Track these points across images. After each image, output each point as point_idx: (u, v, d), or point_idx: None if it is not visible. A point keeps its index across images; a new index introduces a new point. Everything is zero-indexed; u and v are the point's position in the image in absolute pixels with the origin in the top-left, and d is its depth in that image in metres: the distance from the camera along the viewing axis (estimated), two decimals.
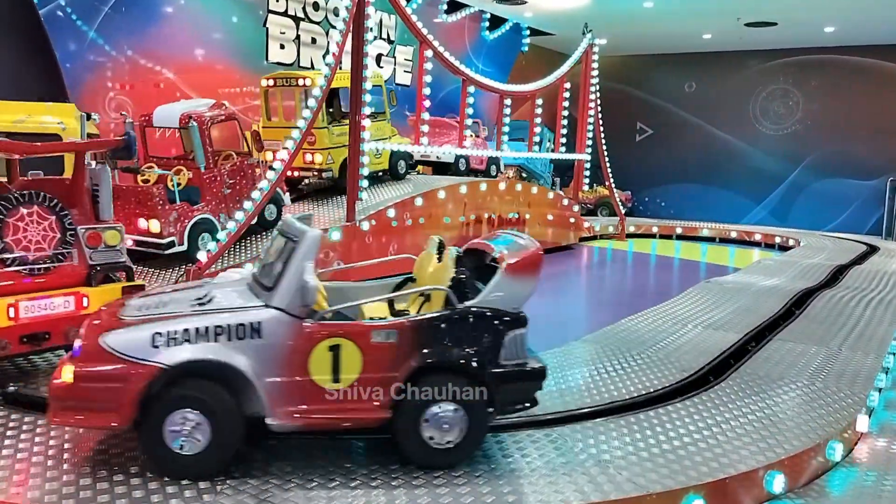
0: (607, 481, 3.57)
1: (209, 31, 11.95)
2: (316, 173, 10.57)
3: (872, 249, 14.19)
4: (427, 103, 11.36)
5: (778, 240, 16.63)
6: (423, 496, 3.34)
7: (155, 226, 7.74)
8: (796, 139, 20.89)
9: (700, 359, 5.80)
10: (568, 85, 15.30)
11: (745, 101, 21.67)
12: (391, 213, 10.22)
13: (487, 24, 17.64)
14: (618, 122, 20.30)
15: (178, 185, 7.97)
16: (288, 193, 9.82)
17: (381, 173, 11.51)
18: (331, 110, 10.73)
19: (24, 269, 4.79)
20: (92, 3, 10.25)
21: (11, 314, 4.61)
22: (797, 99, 21.08)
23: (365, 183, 9.93)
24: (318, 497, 3.33)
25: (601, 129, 16.17)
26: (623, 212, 17.08)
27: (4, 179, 5.24)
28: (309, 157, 10.30)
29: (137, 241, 7.78)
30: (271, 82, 10.59)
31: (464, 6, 16.48)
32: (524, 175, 16.66)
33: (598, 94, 16.00)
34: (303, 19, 13.31)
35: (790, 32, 18.32)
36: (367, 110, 9.74)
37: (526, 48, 19.10)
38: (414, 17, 10.92)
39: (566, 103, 15.37)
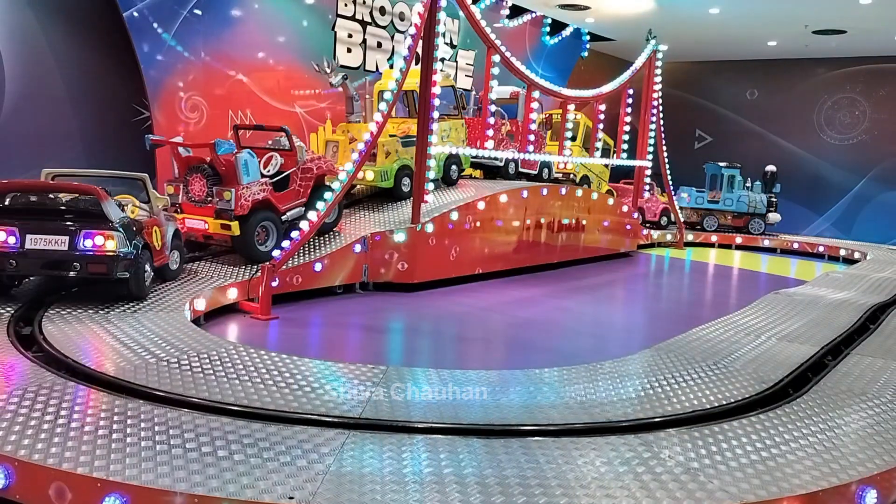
0: (699, 489, 3.57)
1: (280, 35, 12.23)
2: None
3: None
4: (493, 108, 11.42)
5: (843, 252, 16.24)
6: (497, 493, 3.37)
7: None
8: (862, 149, 20.35)
9: (777, 371, 5.72)
10: (630, 91, 15.18)
11: (810, 110, 21.20)
12: (454, 216, 10.31)
13: (548, 28, 17.62)
14: (676, 128, 20.06)
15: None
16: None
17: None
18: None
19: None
20: (171, 6, 10.60)
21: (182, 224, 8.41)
22: (864, 108, 20.53)
23: (431, 186, 10.03)
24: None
25: (662, 136, 16.00)
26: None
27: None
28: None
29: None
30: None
31: (526, 11, 16.50)
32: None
33: (661, 101, 15.84)
34: (369, 23, 13.51)
35: (859, 40, 17.87)
36: (435, 114, 9.85)
37: (586, 53, 19.01)
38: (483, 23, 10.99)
39: (628, 109, 15.25)
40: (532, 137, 12.92)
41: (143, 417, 4.08)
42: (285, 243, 8.22)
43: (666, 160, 16.41)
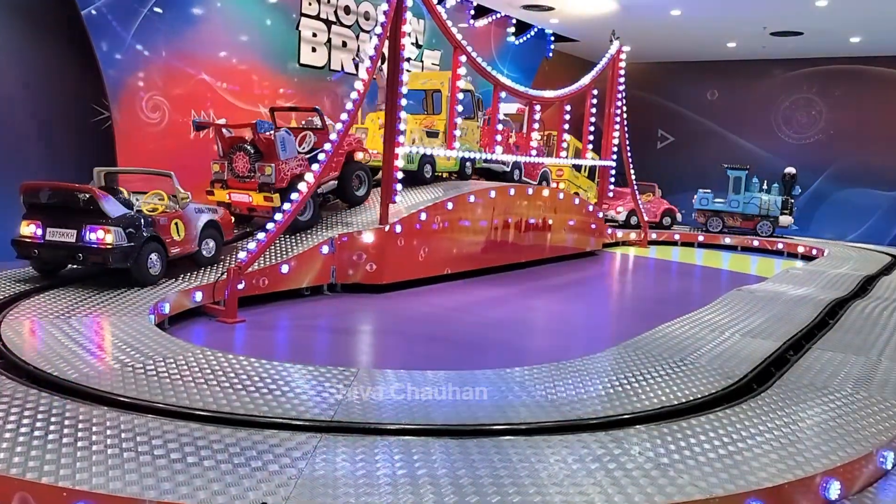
0: (669, 484, 3.62)
1: (243, 34, 12.09)
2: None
3: None
4: (460, 108, 11.45)
5: (801, 249, 16.62)
6: (471, 493, 3.39)
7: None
8: (819, 148, 20.86)
9: (742, 366, 5.83)
10: (595, 91, 15.35)
11: (768, 110, 21.66)
12: (423, 216, 10.30)
13: (513, 29, 17.72)
14: (639, 128, 20.32)
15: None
16: None
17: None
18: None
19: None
20: (130, 4, 10.40)
21: (227, 198, 9.38)
22: (820, 108, 21.05)
23: (399, 187, 10.01)
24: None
25: (626, 136, 16.21)
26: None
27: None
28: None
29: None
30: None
31: (490, 11, 16.57)
32: None
33: (625, 101, 16.05)
34: (334, 23, 13.44)
35: (815, 42, 18.32)
36: (403, 114, 9.83)
37: (551, 54, 19.17)
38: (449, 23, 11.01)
39: (593, 109, 15.41)
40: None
41: (109, 424, 4.00)
42: (251, 245, 8.14)
43: (630, 160, 16.63)
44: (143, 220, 7.63)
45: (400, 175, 9.99)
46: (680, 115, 22.95)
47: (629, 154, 16.53)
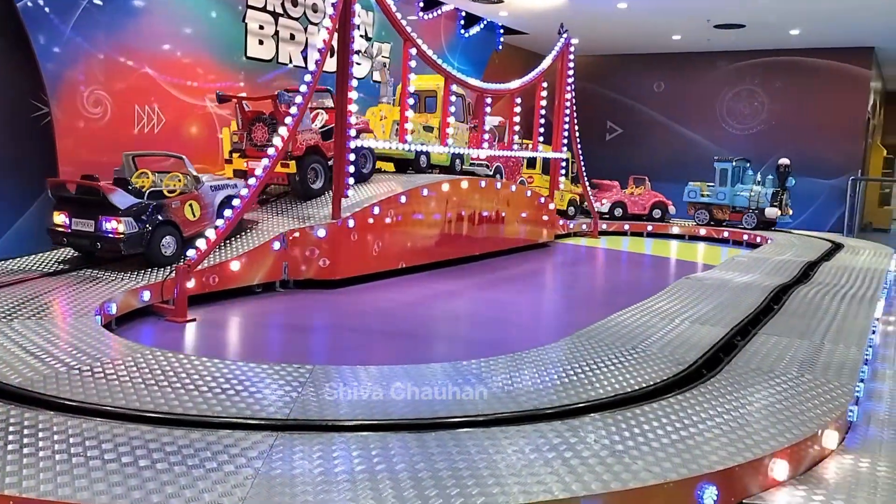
0: (624, 470, 3.69)
1: (187, 26, 11.81)
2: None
3: (837, 246, 14.66)
4: (411, 101, 11.41)
5: (745, 237, 17.08)
6: (430, 487, 3.41)
7: None
8: (761, 139, 21.45)
9: (691, 353, 5.97)
10: (545, 84, 15.47)
11: (713, 102, 22.17)
12: (376, 210, 10.26)
13: (463, 22, 17.73)
14: (588, 120, 20.59)
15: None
16: None
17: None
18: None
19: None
20: None
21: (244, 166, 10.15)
22: (762, 100, 21.64)
23: (351, 181, 9.94)
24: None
25: (576, 128, 16.39)
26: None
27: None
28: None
29: None
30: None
31: (440, 4, 16.55)
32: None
33: (574, 93, 16.22)
34: (281, 15, 13.23)
35: (757, 34, 18.81)
36: (353, 107, 9.75)
37: (500, 47, 19.25)
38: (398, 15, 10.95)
39: (543, 102, 15.54)
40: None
41: (56, 429, 3.89)
42: (200, 242, 7.98)
43: (580, 152, 16.84)
44: (153, 208, 8.29)
45: (352, 169, 9.91)
46: (628, 107, 23.33)
47: (579, 146, 16.73)
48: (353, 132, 9.93)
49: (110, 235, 8.01)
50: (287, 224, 9.70)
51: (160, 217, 8.28)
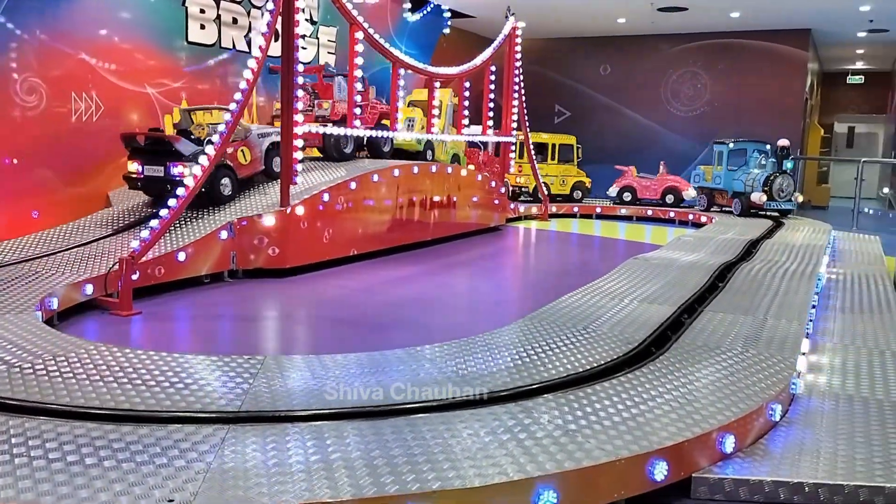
0: (577, 449, 3.74)
1: (125, 11, 11.42)
2: None
3: (778, 224, 15.11)
4: (359, 86, 11.29)
5: (691, 217, 17.46)
6: (386, 474, 3.41)
7: None
8: (704, 120, 21.92)
9: (640, 332, 6.09)
10: (493, 68, 15.48)
11: (657, 84, 22.52)
12: (326, 197, 10.14)
13: (409, 5, 17.58)
14: (537, 104, 20.71)
15: None
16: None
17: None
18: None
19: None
20: None
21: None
22: (705, 81, 22.08)
23: (300, 167, 9.80)
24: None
25: (525, 111, 16.46)
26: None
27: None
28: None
29: None
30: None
31: None
32: None
33: (522, 77, 16.27)
34: None
35: (699, 17, 19.16)
36: (300, 92, 9.60)
37: (448, 31, 19.17)
38: None
39: (492, 86, 15.55)
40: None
41: None
42: (144, 233, 7.78)
43: (530, 135, 16.93)
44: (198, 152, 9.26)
45: (300, 156, 9.76)
46: (575, 91, 23.54)
47: (528, 130, 16.82)
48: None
49: (178, 178, 8.97)
50: (235, 213, 9.52)
51: (219, 161, 9.20)
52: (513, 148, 16.43)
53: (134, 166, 9.65)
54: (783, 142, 16.68)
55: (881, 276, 10.03)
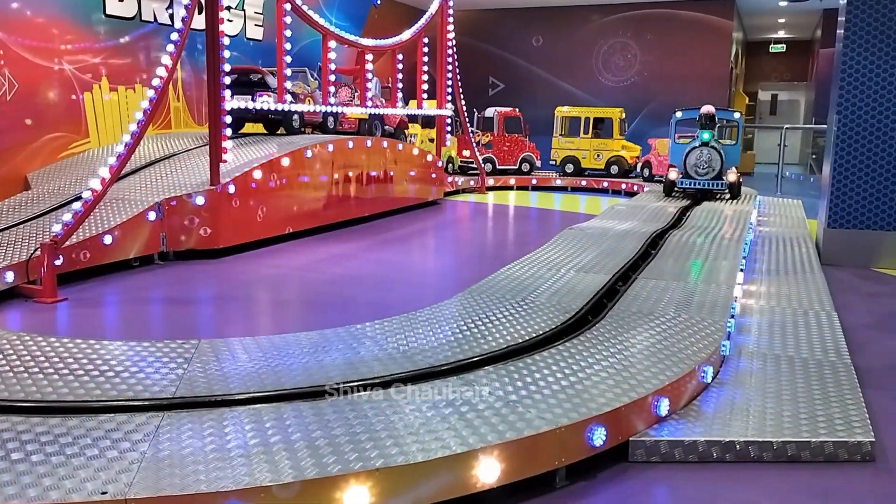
0: (518, 419, 3.79)
1: None
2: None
3: (683, 211, 15.37)
4: (288, 59, 11.01)
5: (623, 186, 17.80)
6: (328, 454, 3.39)
7: None
8: (635, 90, 22.27)
9: (577, 301, 6.19)
10: (426, 40, 15.33)
11: (589, 55, 22.73)
12: (258, 174, 9.91)
13: None
14: (471, 76, 20.66)
15: None
16: None
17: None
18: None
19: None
20: None
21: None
22: (635, 52, 22.40)
23: (230, 144, 9.53)
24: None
25: (459, 84, 16.40)
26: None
27: None
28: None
29: None
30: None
31: None
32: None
33: (455, 49, 16.18)
34: None
35: None
36: (227, 66, 9.30)
37: (378, 2, 18.85)
38: None
39: (425, 58, 15.41)
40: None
41: None
42: (66, 216, 7.45)
43: (464, 108, 16.89)
44: (290, 93, 11.88)
45: (229, 132, 9.49)
46: (509, 62, 23.56)
47: (463, 102, 16.78)
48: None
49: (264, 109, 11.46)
50: (163, 192, 9.21)
51: (292, 101, 11.82)
52: (448, 121, 16.37)
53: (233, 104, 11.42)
54: (707, 108, 13.73)
55: (804, 238, 10.48)
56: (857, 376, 5.01)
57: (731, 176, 13.48)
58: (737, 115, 15.00)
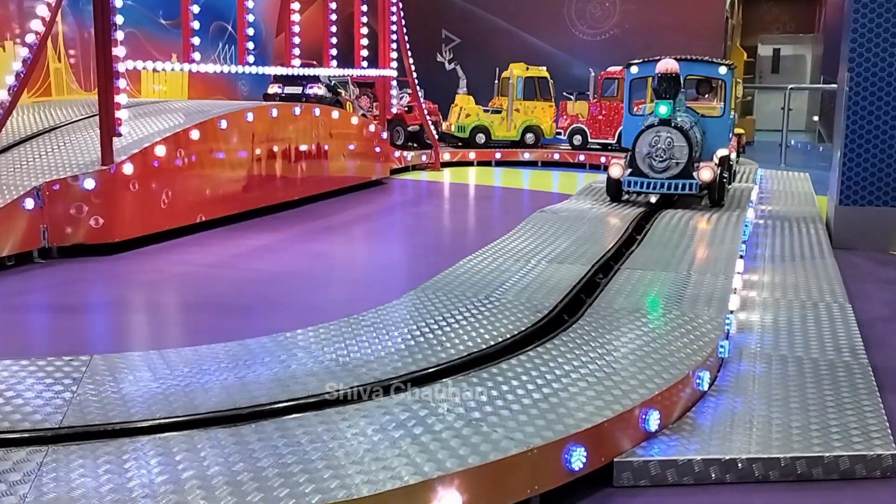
0: (483, 441, 3.80)
1: None
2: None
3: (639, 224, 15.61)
4: (196, 9, 10.84)
5: (603, 160, 18.00)
6: (253, 491, 3.36)
7: None
8: (614, 44, 22.49)
9: (551, 297, 6.24)
10: None
11: (560, 4, 22.86)
12: (161, 151, 9.76)
13: None
14: (422, 31, 20.61)
15: None
16: None
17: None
18: None
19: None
20: None
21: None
22: (613, 0, 22.59)
23: (125, 114, 9.33)
24: None
25: (406, 39, 16.37)
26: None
27: None
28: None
29: None
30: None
31: None
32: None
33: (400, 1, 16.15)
34: None
35: None
36: (119, 18, 9.11)
37: None
38: None
39: (364, 8, 15.33)
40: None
41: None
42: None
43: (413, 67, 16.85)
44: (334, 84, 16.20)
45: (125, 99, 9.30)
46: (465, 13, 23.57)
47: (411, 61, 16.73)
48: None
49: (312, 95, 14.76)
50: (42, 174, 8.98)
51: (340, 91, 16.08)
52: (393, 84, 16.35)
53: (273, 88, 15.27)
54: (667, 64, 10.36)
55: (812, 218, 10.76)
56: (875, 378, 5.17)
57: (706, 173, 10.17)
58: (723, 70, 11.86)
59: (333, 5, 14.55)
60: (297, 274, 8.73)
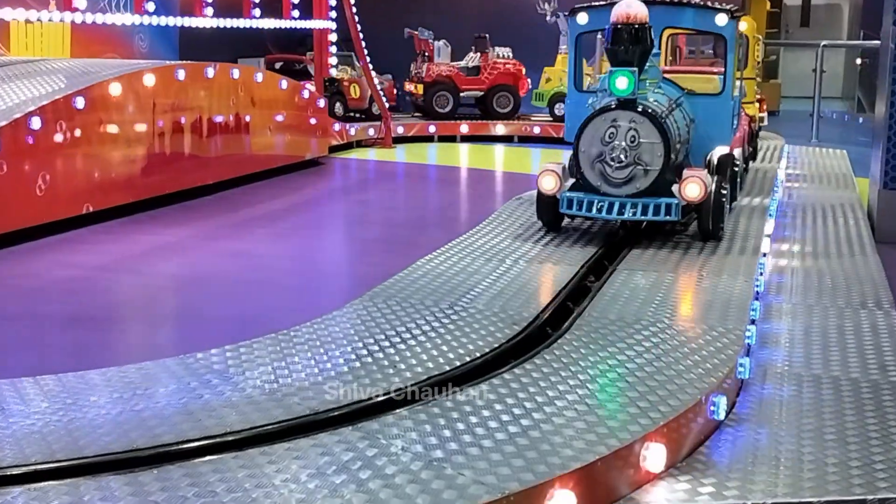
0: (446, 486, 3.80)
1: None
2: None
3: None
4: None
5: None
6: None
7: None
8: None
9: (531, 306, 6.29)
10: None
11: None
12: (36, 123, 9.67)
13: None
14: None
15: None
16: None
17: None
18: None
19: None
20: None
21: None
22: None
23: None
24: None
25: None
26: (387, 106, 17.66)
27: None
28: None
29: None
30: None
31: None
32: None
33: None
34: None
35: None
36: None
37: None
38: None
39: None
40: None
41: None
42: None
43: (356, 20, 16.83)
44: (334, 80, 17.58)
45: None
46: None
47: (355, 12, 16.73)
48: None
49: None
50: None
51: (335, 88, 17.32)
52: (333, 40, 16.34)
53: None
54: (625, 8, 8.11)
55: (851, 204, 10.91)
56: None
57: (693, 187, 8.08)
58: (721, 20, 9.33)
59: None
60: (213, 279, 8.70)
